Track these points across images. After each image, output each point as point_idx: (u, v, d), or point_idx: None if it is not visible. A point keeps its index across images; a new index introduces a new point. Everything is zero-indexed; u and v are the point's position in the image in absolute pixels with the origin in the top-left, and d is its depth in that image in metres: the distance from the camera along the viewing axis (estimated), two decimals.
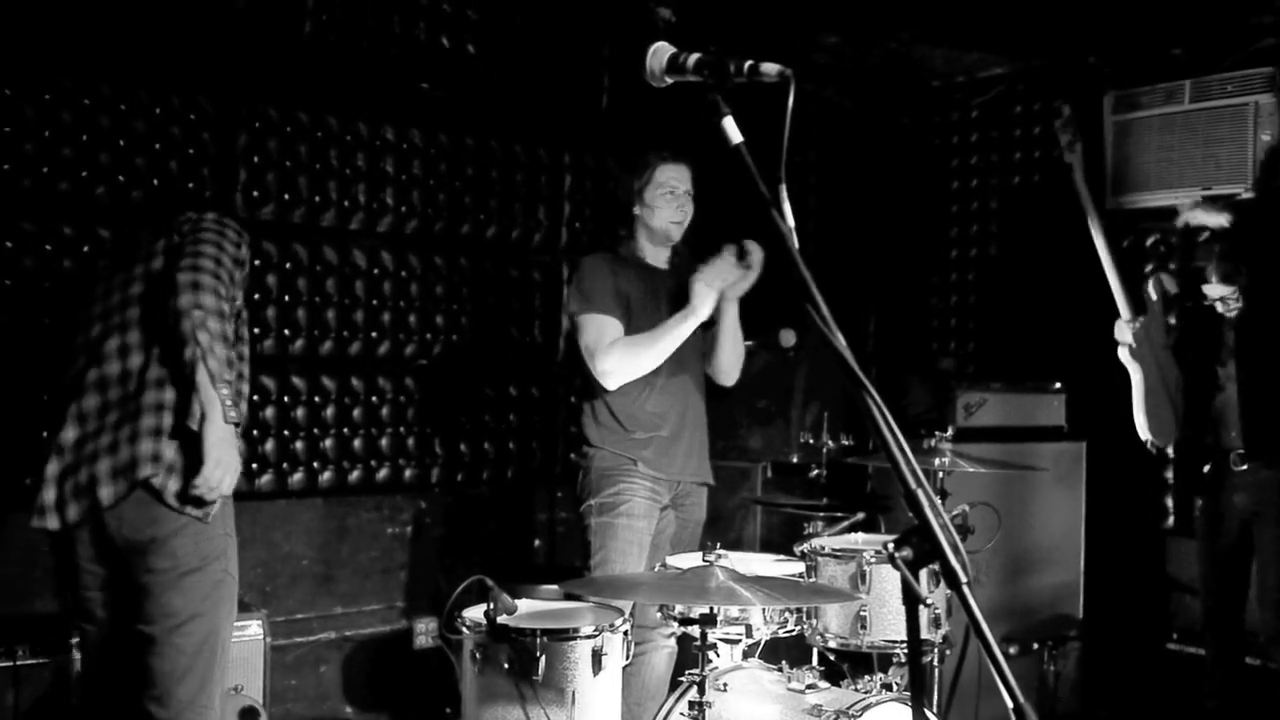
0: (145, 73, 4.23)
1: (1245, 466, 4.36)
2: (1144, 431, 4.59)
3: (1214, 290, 4.34)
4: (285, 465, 4.62)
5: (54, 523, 3.03)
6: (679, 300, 4.04)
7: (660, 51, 1.91)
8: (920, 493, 1.58)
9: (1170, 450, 5.21)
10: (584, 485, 4.05)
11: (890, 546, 1.61)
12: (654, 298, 4.04)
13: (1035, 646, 5.04)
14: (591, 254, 4.14)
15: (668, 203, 4.01)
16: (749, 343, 4.44)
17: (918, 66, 5.97)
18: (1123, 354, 4.59)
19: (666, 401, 4.03)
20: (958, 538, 1.77)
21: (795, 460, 5.14)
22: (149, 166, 4.26)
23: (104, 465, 2.99)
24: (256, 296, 4.52)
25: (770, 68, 1.81)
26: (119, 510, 2.98)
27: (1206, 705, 4.44)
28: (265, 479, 4.56)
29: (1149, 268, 5.33)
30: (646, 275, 4.08)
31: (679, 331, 3.90)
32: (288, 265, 4.60)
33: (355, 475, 4.79)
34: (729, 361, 4.18)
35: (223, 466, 2.95)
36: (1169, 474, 5.44)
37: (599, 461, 4.01)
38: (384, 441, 4.85)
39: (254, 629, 4.01)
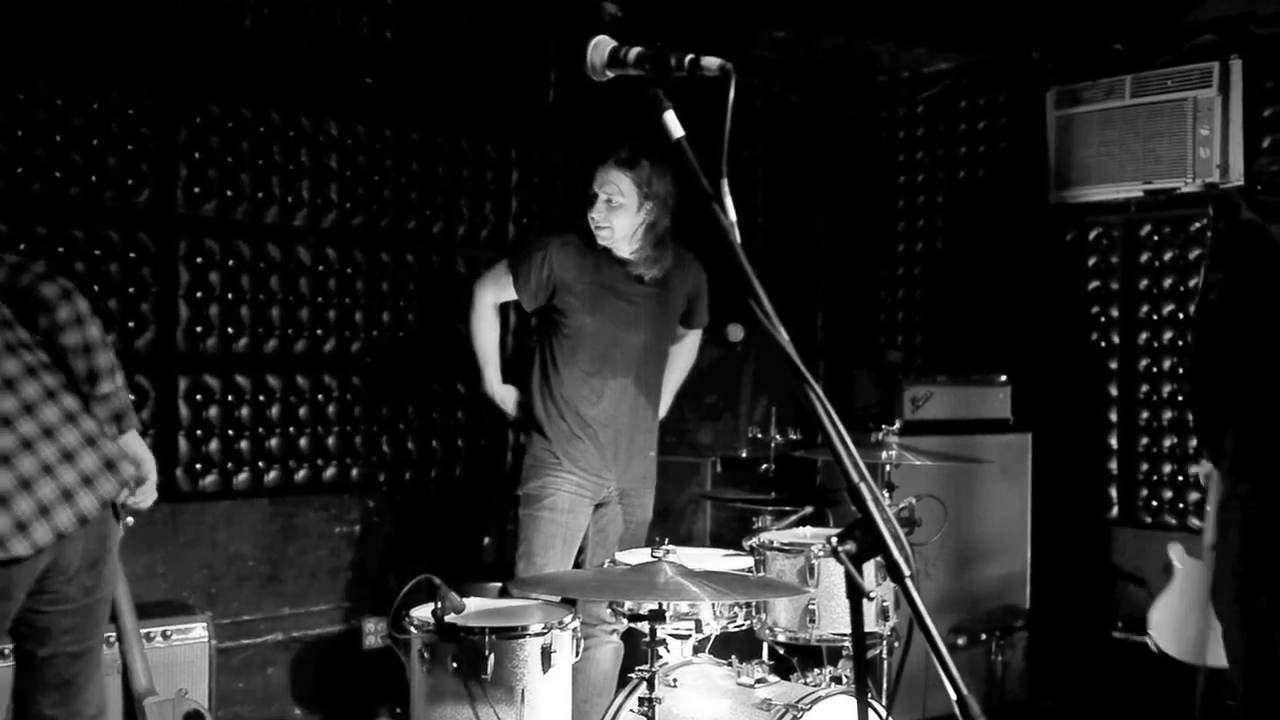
0: (83, 67, 4.16)
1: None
2: (1153, 629, 4.55)
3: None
4: (230, 465, 4.56)
5: (24, 548, 2.66)
6: (651, 297, 4.04)
7: (601, 45, 1.89)
8: (863, 486, 1.58)
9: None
10: (520, 473, 4.12)
11: (834, 541, 1.61)
12: (603, 289, 4.01)
13: (983, 637, 5.08)
14: (572, 231, 4.13)
15: (590, 206, 4.00)
16: None
17: (864, 61, 5.99)
18: (1172, 550, 4.64)
19: (610, 400, 4.04)
20: (901, 530, 1.77)
21: (744, 455, 5.15)
22: (86, 163, 4.19)
23: (69, 476, 2.74)
24: (199, 295, 4.47)
25: (711, 61, 1.80)
26: (90, 526, 2.77)
27: None
28: (209, 479, 4.49)
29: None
30: (605, 265, 4.03)
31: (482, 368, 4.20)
32: (230, 262, 4.53)
33: (301, 475, 4.73)
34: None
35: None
36: (1113, 465, 5.50)
37: (532, 449, 4.08)
38: (330, 440, 4.80)
39: (198, 632, 3.96)
